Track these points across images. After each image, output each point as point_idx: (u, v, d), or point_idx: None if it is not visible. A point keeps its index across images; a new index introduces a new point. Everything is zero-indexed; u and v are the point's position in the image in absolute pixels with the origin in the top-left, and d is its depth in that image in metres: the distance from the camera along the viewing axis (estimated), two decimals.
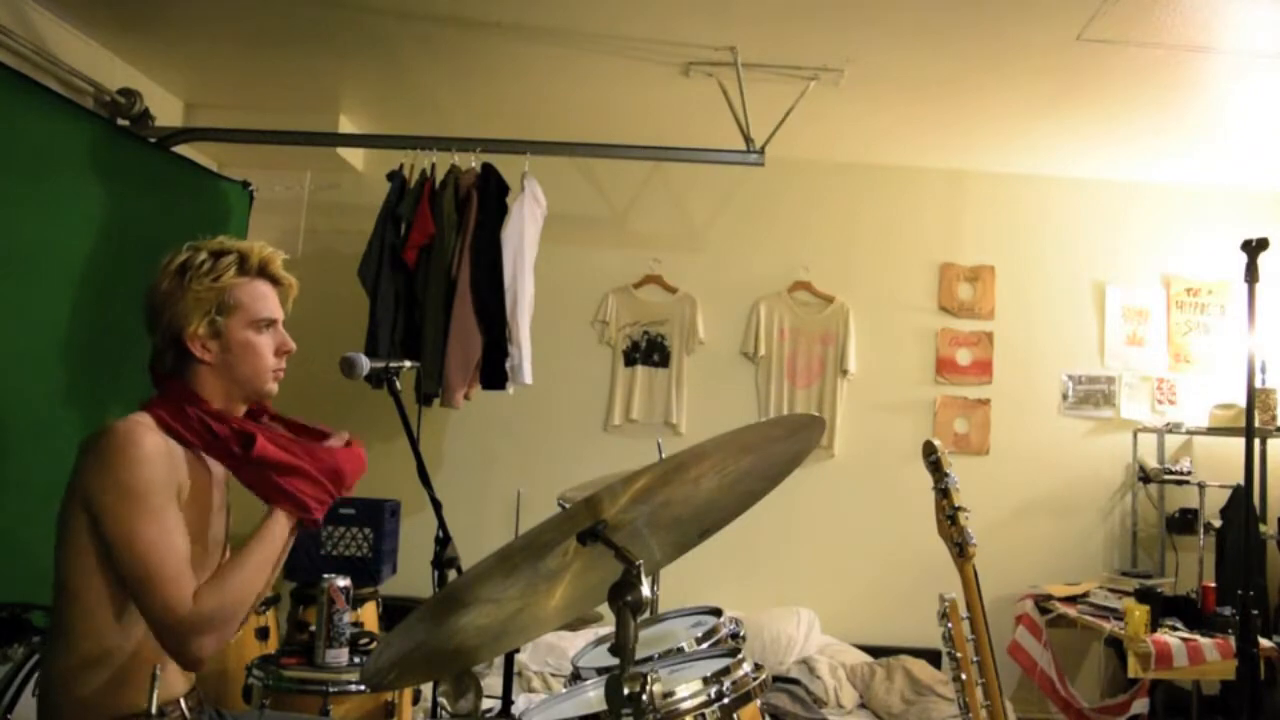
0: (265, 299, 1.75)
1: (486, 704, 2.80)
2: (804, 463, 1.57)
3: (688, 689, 1.58)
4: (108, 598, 1.57)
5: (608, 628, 3.04)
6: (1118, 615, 3.69)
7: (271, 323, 1.75)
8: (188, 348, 1.69)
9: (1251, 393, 2.50)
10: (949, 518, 1.85)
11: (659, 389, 4.51)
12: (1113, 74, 3.37)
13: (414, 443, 2.20)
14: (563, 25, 3.27)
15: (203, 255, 1.73)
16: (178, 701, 1.69)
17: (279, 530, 1.68)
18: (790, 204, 4.59)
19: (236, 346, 1.71)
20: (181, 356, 1.71)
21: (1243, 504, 3.37)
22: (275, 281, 1.78)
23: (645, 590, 1.23)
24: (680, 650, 1.98)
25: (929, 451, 1.87)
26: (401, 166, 3.85)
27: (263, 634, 3.11)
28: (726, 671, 1.63)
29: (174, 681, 1.71)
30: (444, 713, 1.84)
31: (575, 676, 2.03)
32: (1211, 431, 4.23)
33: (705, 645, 2.01)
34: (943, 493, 1.87)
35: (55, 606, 1.62)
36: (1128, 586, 3.89)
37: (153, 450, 1.57)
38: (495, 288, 3.78)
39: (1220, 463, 4.17)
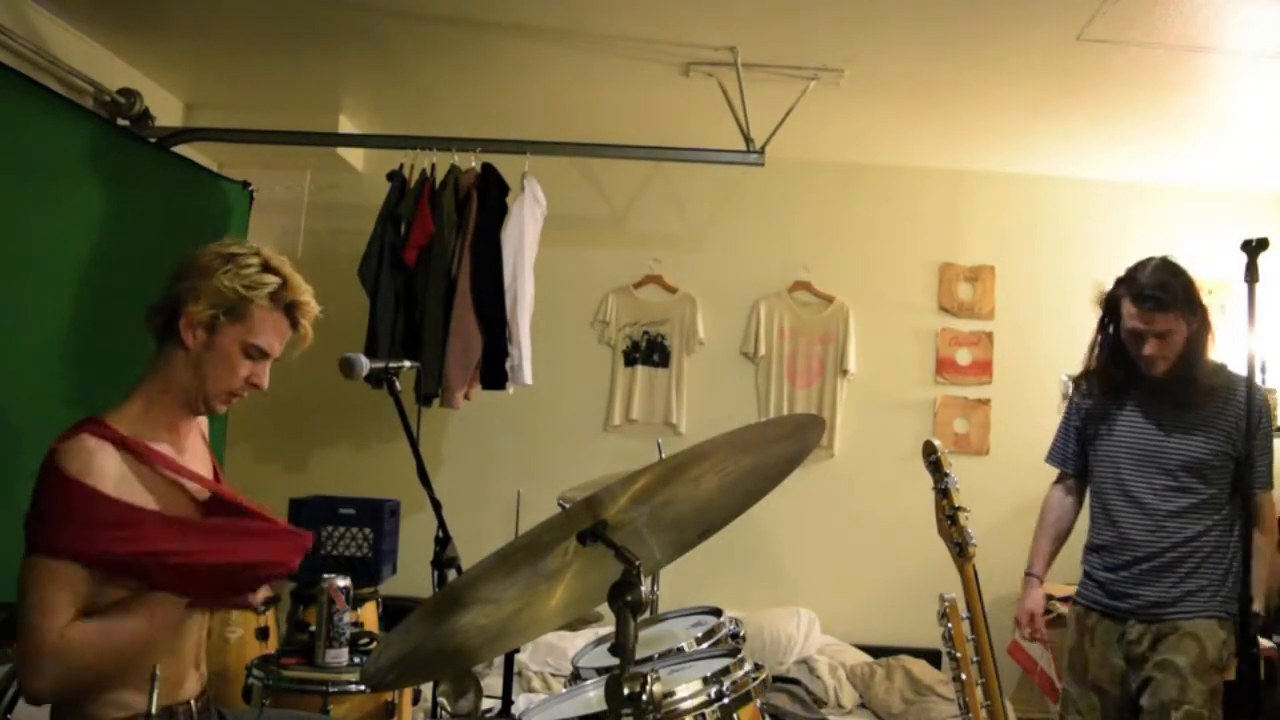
0: (272, 332, 1.73)
1: (486, 704, 2.80)
2: (804, 463, 1.57)
3: (688, 689, 1.58)
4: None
5: (608, 628, 3.04)
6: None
7: (262, 354, 1.73)
8: (178, 323, 1.68)
9: (1251, 392, 2.49)
10: (949, 518, 1.86)
11: (659, 389, 4.50)
12: (1113, 74, 3.37)
13: (414, 443, 2.20)
14: (562, 25, 3.26)
15: (254, 261, 1.71)
16: (188, 703, 1.70)
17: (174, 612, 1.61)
18: (790, 204, 4.59)
19: (217, 352, 1.69)
20: (168, 328, 1.70)
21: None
22: (295, 325, 1.76)
23: (645, 590, 1.23)
24: (680, 650, 1.98)
25: (929, 451, 1.87)
26: (401, 166, 3.85)
27: (263, 634, 3.11)
28: (726, 671, 1.63)
29: (188, 683, 1.72)
30: (444, 713, 1.84)
31: (575, 676, 2.03)
32: None
33: (705, 645, 2.01)
34: (942, 493, 1.87)
35: None
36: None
37: (87, 474, 1.54)
38: (495, 288, 3.78)
39: None
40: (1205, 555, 2.49)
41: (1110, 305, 2.56)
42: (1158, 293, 2.47)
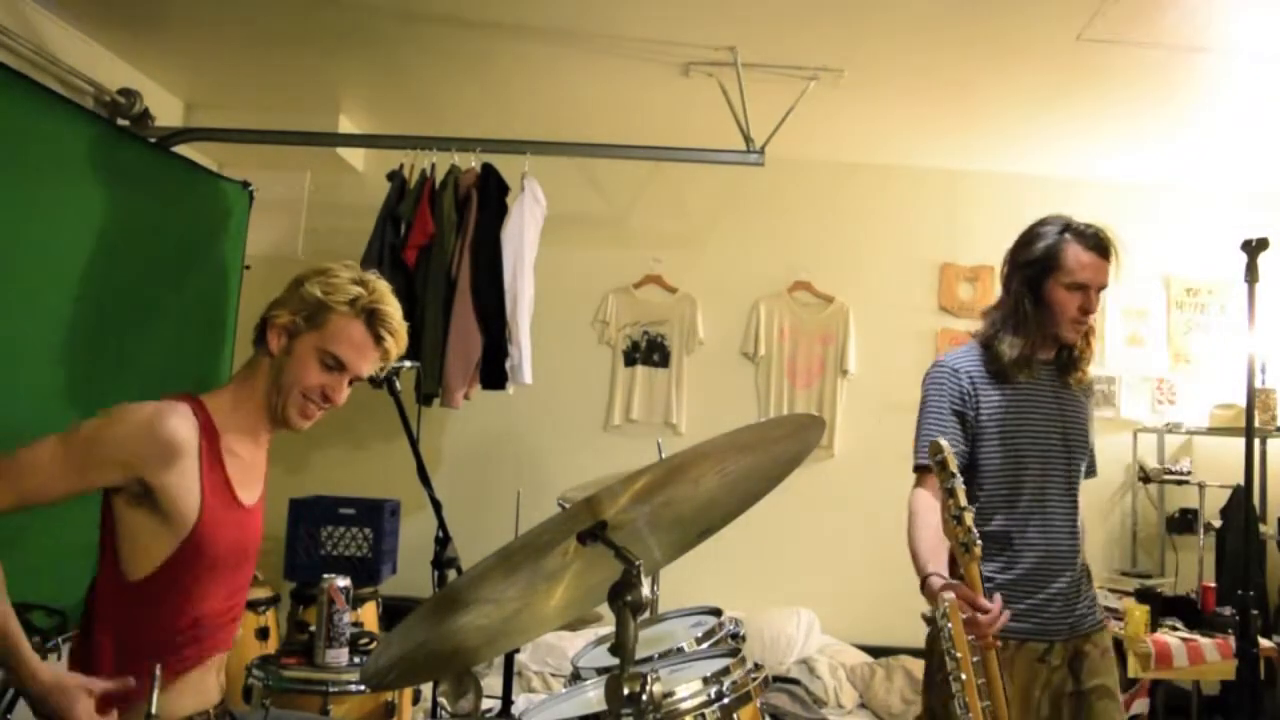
0: (349, 342, 1.73)
1: (486, 704, 2.80)
2: (804, 463, 1.57)
3: (688, 689, 1.58)
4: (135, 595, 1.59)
5: (608, 628, 3.04)
6: (1118, 615, 3.69)
7: (339, 365, 1.73)
8: (267, 329, 1.72)
9: (1251, 393, 2.49)
10: (955, 517, 1.84)
11: (659, 389, 4.51)
12: (1113, 74, 3.37)
13: (414, 443, 2.20)
14: (562, 25, 3.26)
15: (344, 275, 1.74)
16: (207, 712, 1.70)
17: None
18: (790, 204, 4.59)
19: (295, 357, 1.72)
20: (261, 334, 1.74)
21: (1243, 504, 3.37)
22: (377, 339, 1.75)
23: (645, 590, 1.23)
24: (680, 650, 1.98)
25: (935, 451, 1.86)
26: (401, 166, 3.85)
27: (263, 634, 3.12)
28: (726, 671, 1.63)
29: (210, 690, 1.72)
30: (444, 713, 1.84)
31: (575, 676, 2.03)
32: (1211, 431, 4.23)
33: (705, 645, 2.01)
34: (949, 492, 1.85)
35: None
36: (1128, 586, 3.89)
37: (156, 430, 1.57)
38: (495, 288, 3.78)
39: (1220, 463, 4.17)
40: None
41: (1048, 257, 2.16)
42: (1105, 238, 2.19)
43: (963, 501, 1.83)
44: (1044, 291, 2.17)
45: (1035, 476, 2.15)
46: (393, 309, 1.76)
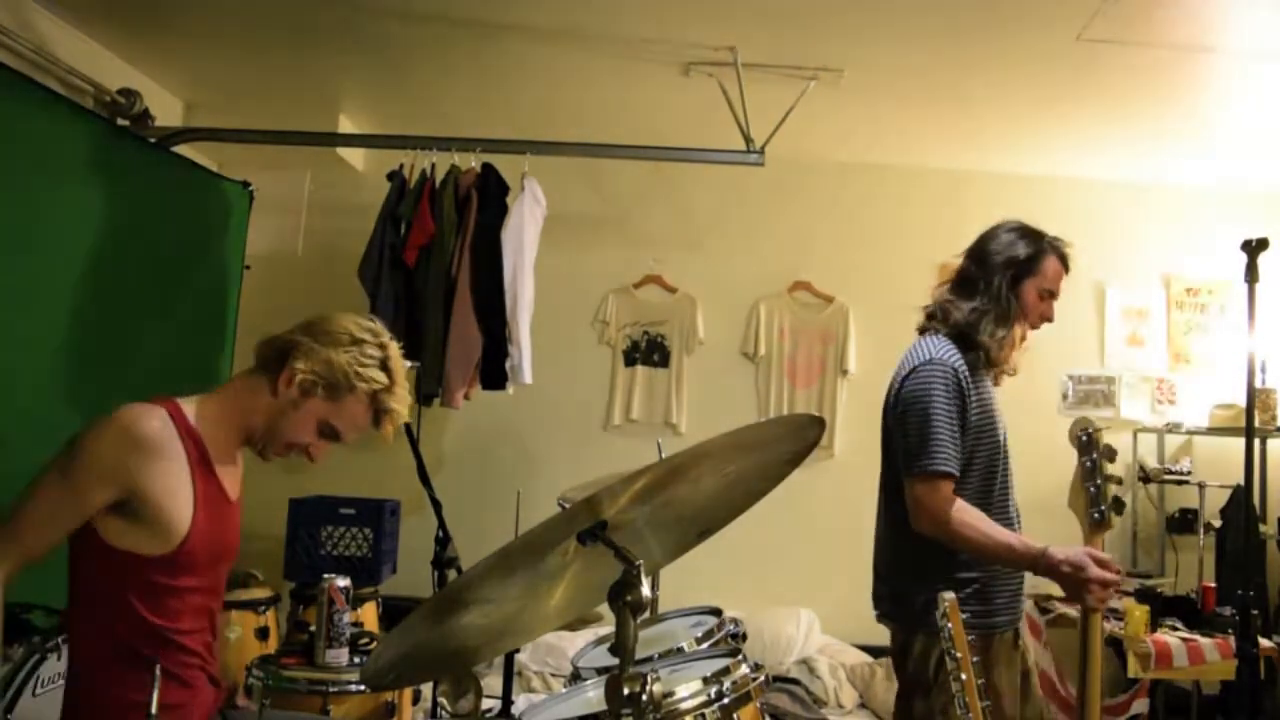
0: (353, 420, 1.76)
1: (486, 704, 2.80)
2: (804, 463, 1.57)
3: (688, 689, 1.58)
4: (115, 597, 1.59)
5: (608, 628, 3.04)
6: (1118, 615, 3.68)
7: (333, 434, 1.77)
8: (283, 366, 1.70)
9: (1251, 393, 2.49)
10: (1097, 489, 1.93)
11: (659, 389, 4.51)
12: (1113, 74, 3.37)
13: (414, 443, 2.21)
14: (563, 25, 3.26)
15: (376, 355, 1.74)
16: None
17: None
18: (790, 204, 4.59)
19: (299, 414, 1.72)
20: (271, 365, 1.72)
21: (1243, 504, 3.36)
22: (377, 424, 1.79)
23: (645, 590, 1.23)
24: (680, 650, 1.98)
25: (1084, 426, 1.94)
26: (401, 166, 3.85)
27: (263, 634, 3.12)
28: (726, 671, 1.63)
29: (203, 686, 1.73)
30: (444, 713, 1.84)
31: (575, 676, 2.03)
32: (1211, 431, 4.23)
33: (705, 645, 2.01)
34: (1092, 466, 1.93)
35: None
36: (1128, 586, 3.89)
37: (136, 435, 1.57)
38: (495, 288, 3.78)
39: (1220, 463, 4.16)
40: None
41: (1031, 260, 2.26)
42: (1070, 256, 2.32)
43: (1108, 471, 1.94)
44: (1019, 290, 2.26)
45: (1003, 469, 2.25)
46: (403, 408, 1.78)
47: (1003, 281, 2.25)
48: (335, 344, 1.71)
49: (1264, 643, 3.28)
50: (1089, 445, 1.95)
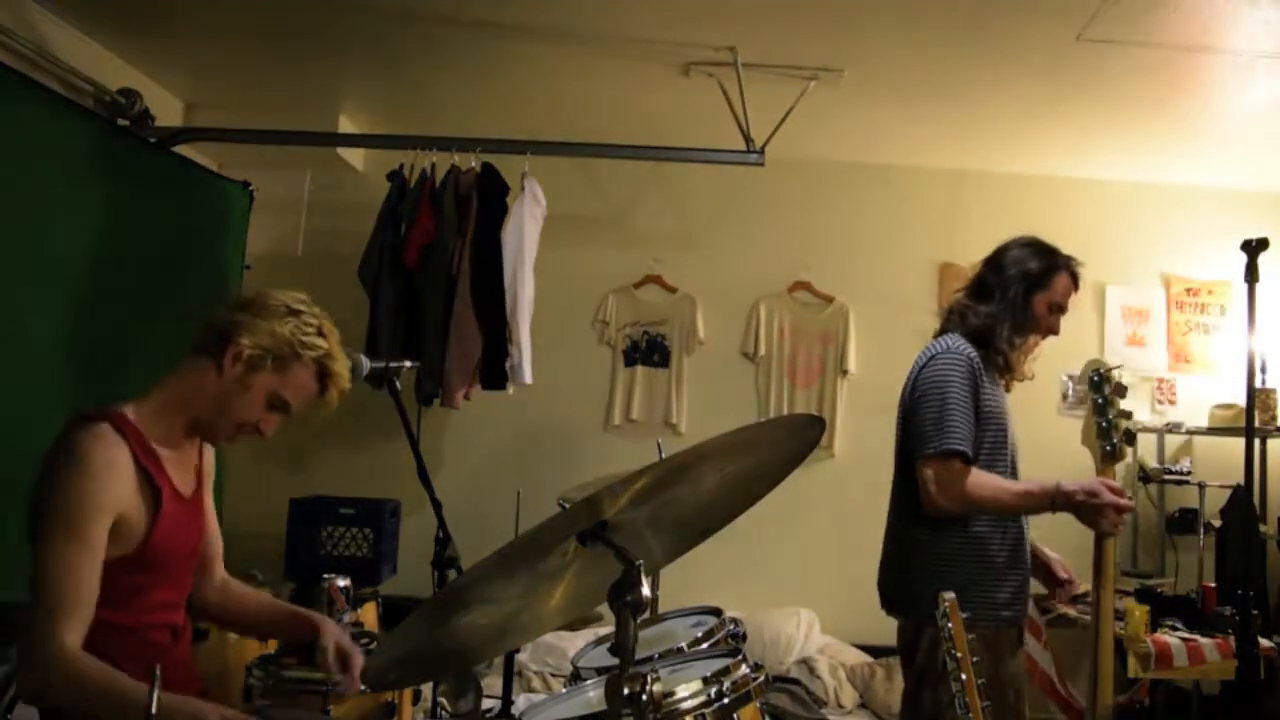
0: (302, 391, 1.79)
1: (486, 704, 2.80)
2: (804, 463, 1.57)
3: (688, 689, 1.58)
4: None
5: (608, 628, 3.04)
6: (1118, 615, 3.68)
7: (283, 406, 1.79)
8: (225, 349, 1.71)
9: (1251, 393, 2.49)
10: (1110, 423, 2.08)
11: (659, 389, 4.50)
12: (1113, 74, 3.37)
13: (414, 443, 2.20)
14: (563, 25, 3.26)
15: (315, 322, 1.78)
16: None
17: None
18: (790, 204, 4.59)
19: (249, 392, 1.74)
20: (212, 347, 1.73)
21: (1243, 504, 3.37)
22: (323, 392, 1.82)
23: (645, 590, 1.23)
24: (680, 650, 1.98)
25: (1096, 366, 2.09)
26: (401, 166, 3.85)
27: None
28: (726, 671, 1.63)
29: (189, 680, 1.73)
30: (444, 713, 1.84)
31: (575, 676, 2.02)
32: (1211, 431, 4.23)
33: (705, 645, 2.01)
34: (1104, 402, 2.07)
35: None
36: (1128, 586, 3.89)
37: (100, 465, 1.58)
38: (495, 288, 3.78)
39: (1220, 463, 4.16)
40: None
41: (1043, 274, 2.40)
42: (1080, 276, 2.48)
43: (1120, 407, 2.09)
44: (1031, 301, 2.38)
45: (1010, 463, 2.35)
46: (345, 371, 1.83)
47: (1017, 291, 2.38)
48: (275, 316, 1.74)
49: (1264, 643, 3.28)
50: (1100, 383, 2.10)
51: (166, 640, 1.73)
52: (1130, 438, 2.10)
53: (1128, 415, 2.12)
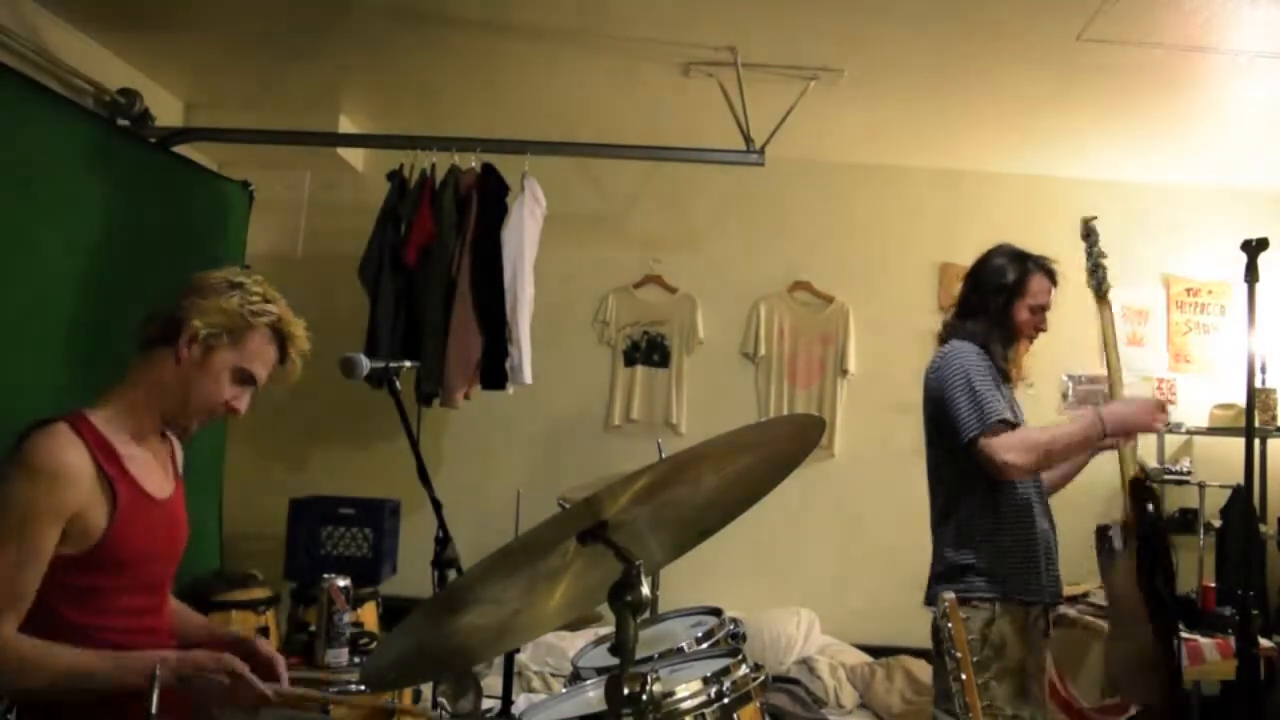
0: (263, 360, 1.79)
1: (486, 704, 2.80)
2: (804, 463, 1.57)
3: (688, 689, 1.58)
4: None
5: (608, 628, 3.04)
6: None
7: (249, 378, 1.78)
8: (177, 338, 1.72)
9: (1251, 393, 2.49)
10: (1097, 265, 2.57)
11: (659, 389, 4.50)
12: (1113, 74, 3.37)
13: (414, 443, 2.20)
14: (563, 25, 3.26)
15: (259, 290, 1.78)
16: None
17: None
18: (790, 204, 4.59)
19: (208, 373, 1.73)
20: (163, 339, 1.73)
21: (1243, 504, 3.36)
22: (283, 358, 1.82)
23: (645, 590, 1.23)
24: (680, 650, 1.98)
25: (1085, 220, 2.60)
26: (401, 166, 3.85)
27: (263, 634, 3.11)
28: (726, 671, 1.63)
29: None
30: (444, 713, 1.84)
31: (575, 676, 2.03)
32: (1211, 431, 4.23)
33: (705, 645, 2.01)
34: (1096, 266, 2.57)
35: None
36: None
37: (52, 468, 1.58)
38: (495, 288, 3.78)
39: (1220, 463, 4.16)
40: None
41: (1018, 282, 2.50)
42: (1055, 270, 2.58)
43: (1101, 261, 2.60)
44: (1012, 310, 2.51)
45: None
46: (302, 332, 1.83)
47: (998, 304, 2.50)
48: (218, 293, 1.75)
49: (1264, 643, 3.29)
50: (1090, 235, 2.54)
51: (145, 645, 1.70)
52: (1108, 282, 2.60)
53: (1105, 256, 2.63)
